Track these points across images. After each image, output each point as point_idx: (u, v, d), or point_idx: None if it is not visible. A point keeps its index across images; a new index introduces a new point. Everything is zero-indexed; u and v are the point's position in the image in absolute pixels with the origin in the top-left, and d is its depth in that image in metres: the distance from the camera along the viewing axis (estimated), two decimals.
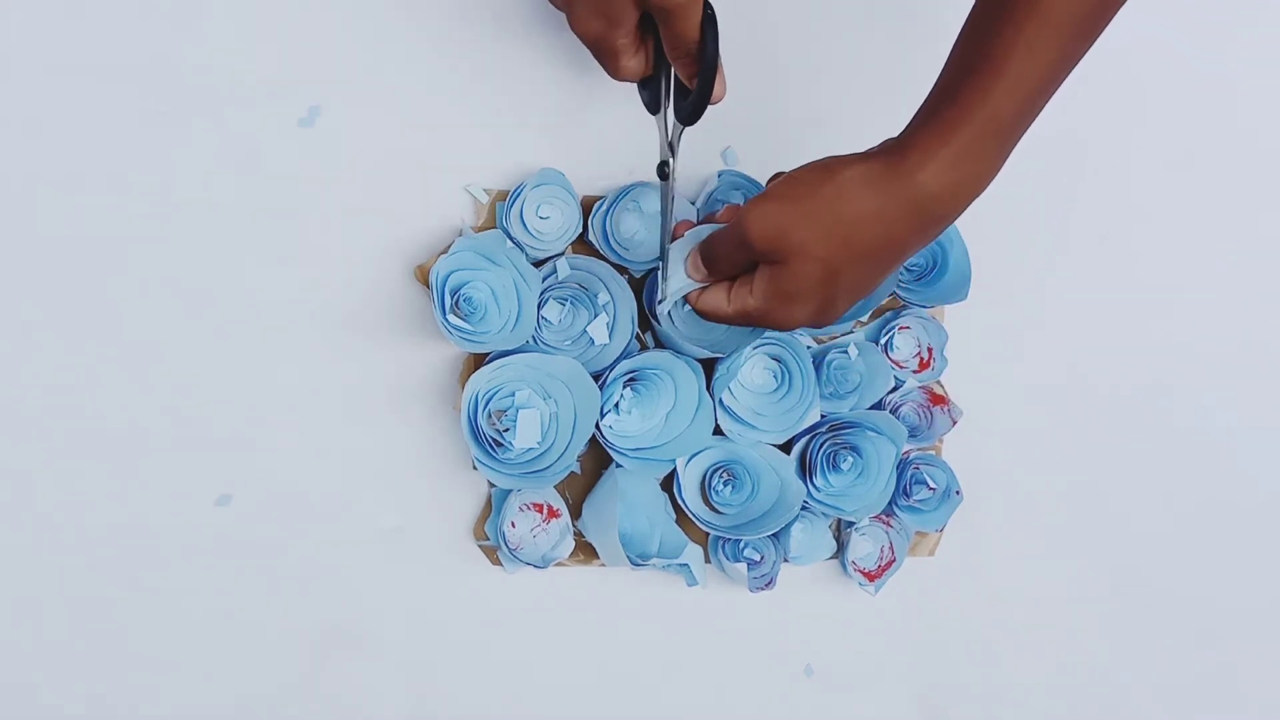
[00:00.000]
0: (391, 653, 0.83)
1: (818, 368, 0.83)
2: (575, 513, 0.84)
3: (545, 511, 0.82)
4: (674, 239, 0.73)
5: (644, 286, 0.82)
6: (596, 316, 0.80)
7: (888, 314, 0.86)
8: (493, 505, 0.82)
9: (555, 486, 0.82)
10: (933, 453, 0.87)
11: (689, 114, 0.69)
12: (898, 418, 0.85)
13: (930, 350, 0.86)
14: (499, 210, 0.80)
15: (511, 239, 0.80)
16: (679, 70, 0.68)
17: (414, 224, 0.81)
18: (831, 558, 0.87)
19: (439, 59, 0.81)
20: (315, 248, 0.80)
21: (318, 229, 0.80)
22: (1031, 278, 0.89)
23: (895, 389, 0.86)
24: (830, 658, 0.88)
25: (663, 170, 0.73)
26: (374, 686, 0.83)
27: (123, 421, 0.79)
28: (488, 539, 0.82)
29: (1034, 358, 0.90)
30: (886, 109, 0.87)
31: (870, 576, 0.86)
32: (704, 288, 0.72)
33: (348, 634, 0.82)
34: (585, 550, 0.84)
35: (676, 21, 0.64)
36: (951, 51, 0.67)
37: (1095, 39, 0.66)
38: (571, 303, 0.81)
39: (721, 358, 0.81)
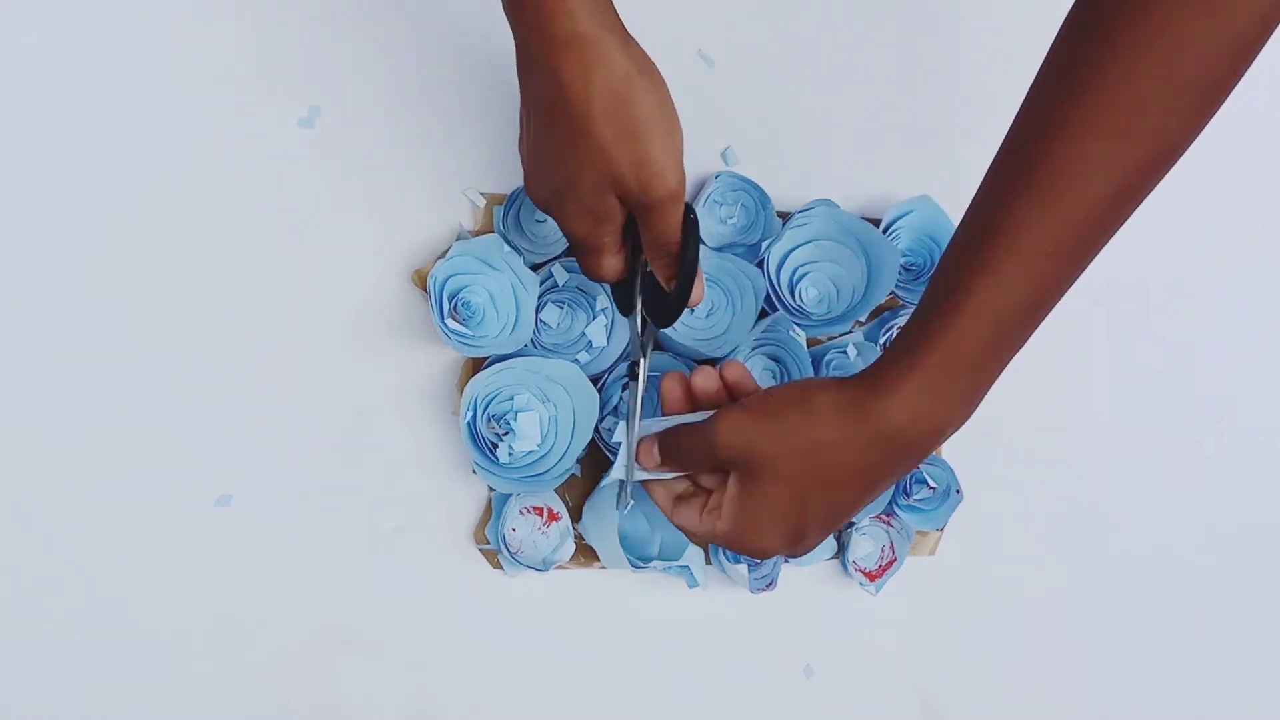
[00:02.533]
0: (391, 655, 0.83)
1: (816, 368, 0.83)
2: (575, 516, 0.84)
3: (545, 515, 0.82)
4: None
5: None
6: (594, 319, 0.80)
7: (886, 314, 0.86)
8: (493, 509, 0.82)
9: (555, 490, 0.82)
10: (933, 452, 0.87)
11: (665, 316, 0.70)
12: None
13: None
14: (496, 214, 0.80)
15: (509, 243, 0.79)
16: (658, 271, 0.68)
17: (412, 228, 0.81)
18: (832, 558, 0.87)
19: (438, 61, 0.81)
20: (314, 250, 0.80)
21: (317, 231, 0.80)
22: None
23: None
24: (830, 658, 0.88)
25: (633, 370, 0.73)
26: (374, 688, 0.83)
27: (122, 421, 0.79)
28: (488, 543, 0.83)
29: (1034, 358, 0.89)
30: (886, 108, 0.87)
31: (871, 576, 0.86)
32: (679, 499, 0.70)
33: (348, 636, 0.82)
34: (586, 553, 0.84)
35: (659, 220, 0.65)
36: (929, 280, 0.66)
37: (1085, 264, 0.64)
38: (569, 306, 0.81)
39: (720, 359, 0.81)
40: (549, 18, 0.61)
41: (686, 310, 0.81)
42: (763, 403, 0.65)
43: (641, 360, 0.72)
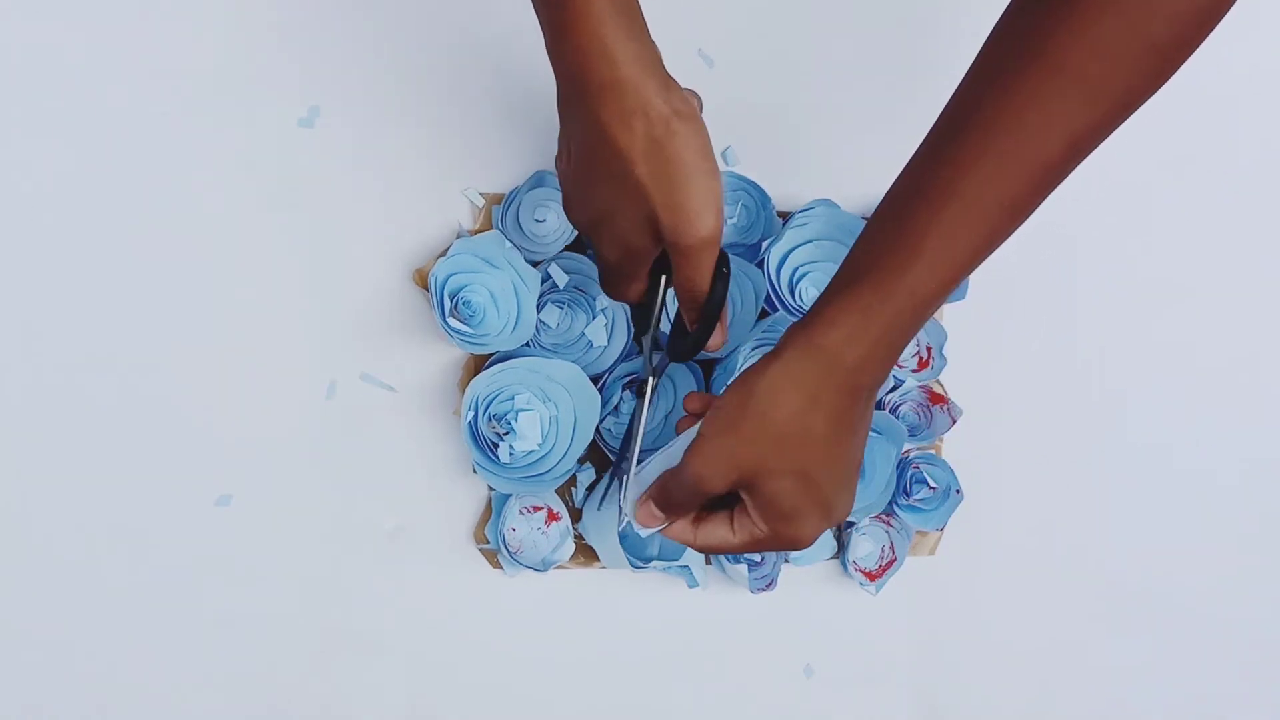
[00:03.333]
0: (391, 655, 0.83)
1: None
2: (575, 516, 0.84)
3: (545, 514, 0.82)
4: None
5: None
6: (595, 319, 0.80)
7: None
8: (493, 509, 0.82)
9: (555, 490, 0.82)
10: (933, 452, 0.87)
11: (682, 352, 0.70)
12: (897, 417, 0.85)
13: (930, 349, 0.86)
14: (495, 214, 0.80)
15: (509, 241, 0.80)
16: (684, 312, 0.69)
17: (412, 227, 0.81)
18: (832, 558, 0.87)
19: (437, 62, 0.81)
20: (314, 249, 0.80)
21: (317, 231, 0.80)
22: (1031, 277, 0.89)
23: (894, 388, 0.86)
24: (830, 658, 0.88)
25: (640, 389, 0.73)
26: (374, 688, 0.83)
27: (122, 422, 0.79)
28: (488, 543, 0.82)
29: (1034, 357, 0.90)
30: (886, 109, 0.87)
31: (871, 576, 0.86)
32: (697, 523, 0.69)
33: (348, 635, 0.82)
34: (586, 553, 0.84)
35: (690, 265, 0.65)
36: (867, 227, 0.65)
37: (1027, 216, 0.64)
38: (569, 305, 0.81)
39: (720, 359, 0.81)
40: (590, 61, 0.61)
41: None
42: (717, 420, 0.64)
43: (650, 380, 0.73)
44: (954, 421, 0.86)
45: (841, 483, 0.66)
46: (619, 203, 0.64)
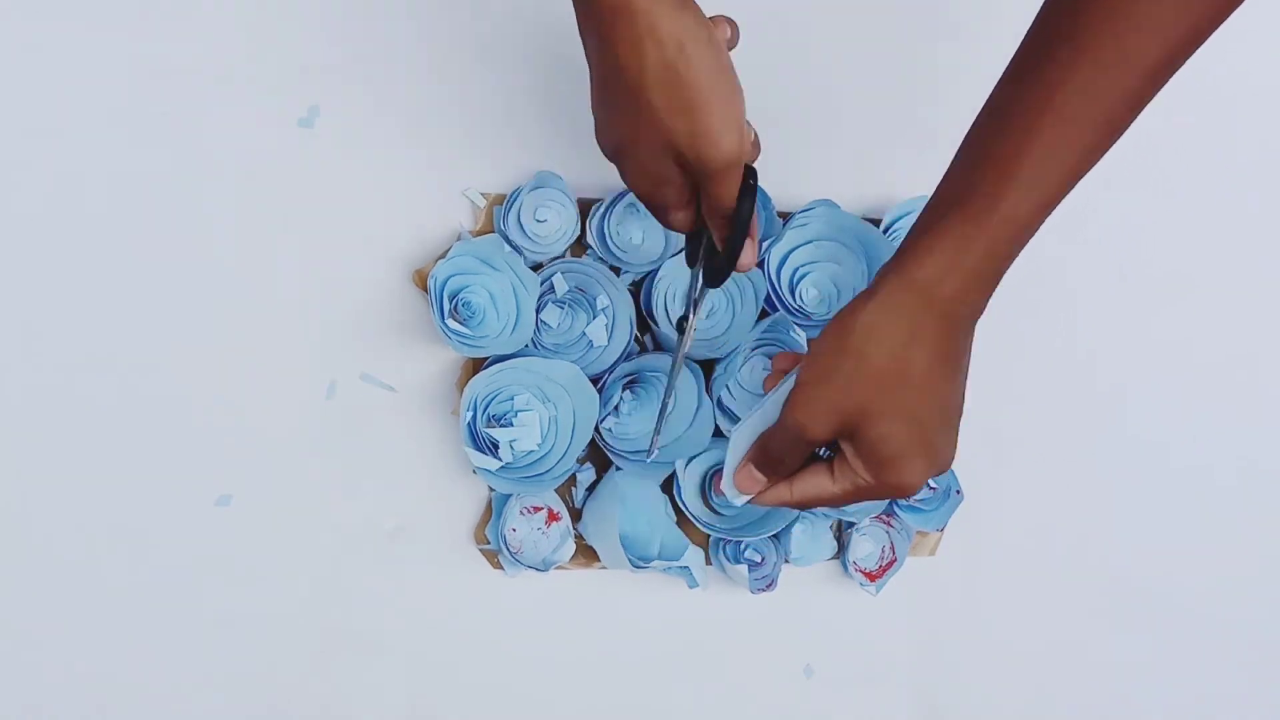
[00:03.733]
0: (391, 655, 0.83)
1: None
2: (575, 515, 0.84)
3: (546, 514, 0.82)
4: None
5: (642, 289, 0.82)
6: (595, 319, 0.80)
7: None
8: (493, 509, 0.82)
9: (555, 490, 0.82)
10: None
11: (714, 276, 0.68)
12: None
13: None
14: (496, 214, 0.80)
15: (509, 243, 0.79)
16: (713, 231, 0.67)
17: (412, 228, 0.81)
18: (832, 558, 0.87)
19: (438, 62, 0.81)
20: (314, 250, 0.80)
21: (317, 231, 0.80)
22: (1031, 277, 0.89)
23: None
24: (830, 658, 0.88)
25: (681, 324, 0.72)
26: (374, 688, 0.83)
27: (122, 422, 0.79)
28: (488, 543, 0.82)
29: (1034, 357, 0.90)
30: (886, 108, 0.87)
31: (871, 577, 0.86)
32: (796, 481, 0.67)
33: (348, 635, 0.82)
34: (586, 553, 0.84)
35: (714, 186, 0.64)
36: (955, 158, 0.65)
37: (1122, 132, 0.63)
38: (570, 306, 0.81)
39: (720, 359, 0.82)
40: None
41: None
42: (817, 365, 0.63)
43: (690, 314, 0.72)
44: None
45: (945, 424, 0.64)
46: (637, 134, 0.63)
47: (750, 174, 0.65)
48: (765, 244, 0.83)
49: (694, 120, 0.61)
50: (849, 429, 0.63)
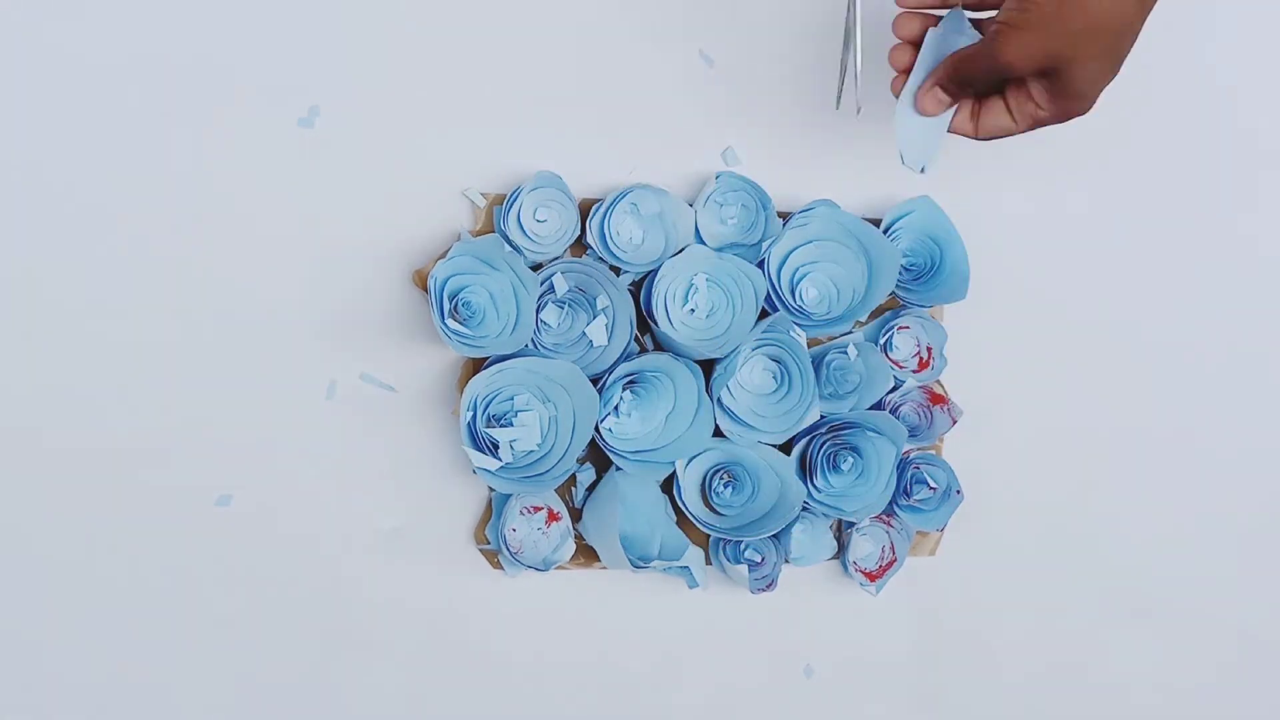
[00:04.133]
0: (391, 655, 0.83)
1: (817, 368, 0.83)
2: (575, 515, 0.84)
3: (546, 514, 0.82)
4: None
5: (642, 289, 0.82)
6: (595, 319, 0.80)
7: (887, 314, 0.86)
8: (493, 509, 0.82)
9: (555, 490, 0.82)
10: (933, 452, 0.87)
11: None
12: (897, 417, 0.85)
13: (930, 350, 0.86)
14: (496, 214, 0.80)
15: (509, 243, 0.79)
16: None
17: (412, 228, 0.81)
18: (832, 558, 0.87)
19: (438, 62, 0.81)
20: (314, 250, 0.80)
21: (317, 231, 0.80)
22: (1031, 277, 0.89)
23: (895, 389, 0.86)
24: (830, 658, 0.88)
25: None
26: (374, 688, 0.83)
27: (122, 422, 0.79)
28: (488, 543, 0.83)
29: (1034, 357, 0.90)
30: (886, 109, 0.87)
31: (871, 576, 0.86)
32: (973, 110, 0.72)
33: (348, 635, 0.83)
34: (586, 553, 0.84)
35: None
36: None
37: None
38: (570, 306, 0.81)
39: (720, 359, 0.82)
40: None
41: (688, 311, 0.81)
42: (1032, 12, 0.66)
43: None
44: (954, 421, 0.86)
45: (1120, 51, 0.69)
46: None
47: None
48: (766, 244, 0.83)
49: None
50: (1053, 68, 0.68)
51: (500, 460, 0.78)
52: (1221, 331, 0.92)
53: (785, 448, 0.84)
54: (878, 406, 0.85)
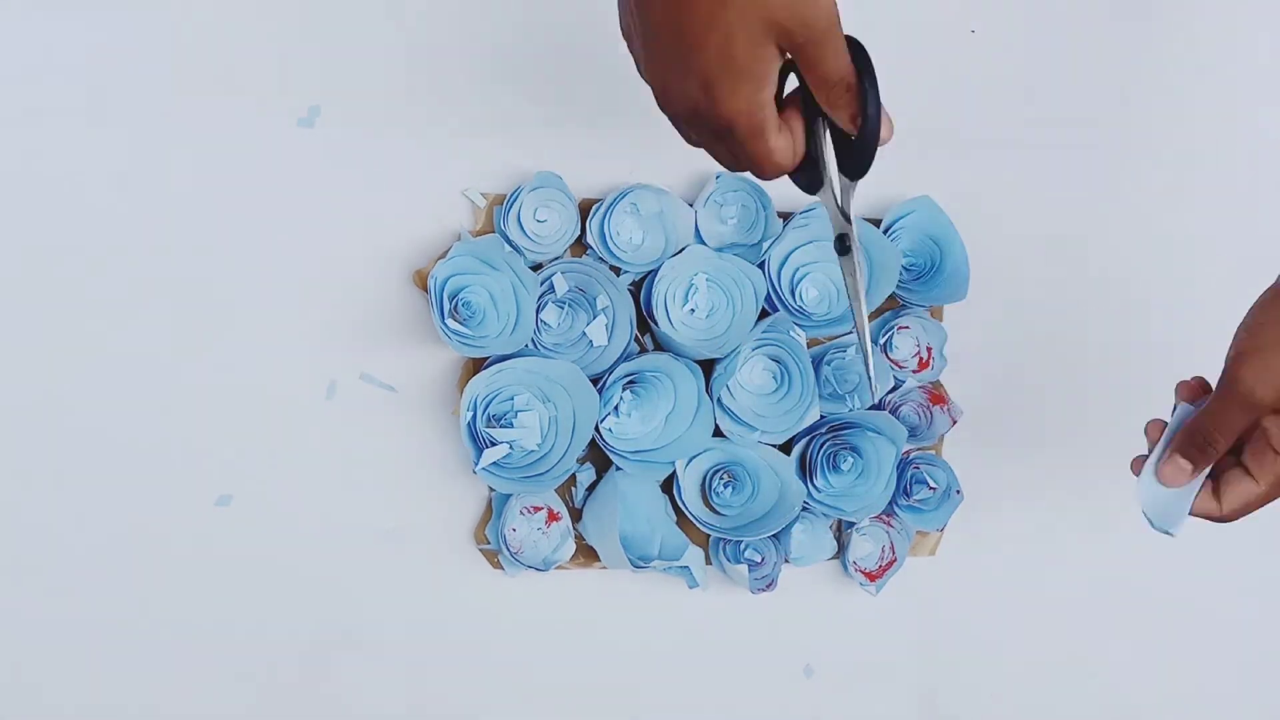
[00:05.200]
0: (391, 654, 0.83)
1: (817, 368, 0.83)
2: (575, 515, 0.84)
3: (546, 514, 0.82)
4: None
5: (642, 289, 0.82)
6: (595, 319, 0.80)
7: (887, 314, 0.86)
8: (493, 509, 0.82)
9: (555, 490, 0.82)
10: (933, 452, 0.87)
11: (857, 164, 0.63)
12: (897, 418, 0.85)
13: (930, 350, 0.86)
14: (496, 214, 0.80)
15: (509, 243, 0.80)
16: (839, 113, 0.62)
17: (412, 228, 0.81)
18: (832, 558, 0.87)
19: (438, 61, 0.81)
20: (314, 250, 0.80)
21: (317, 231, 0.80)
22: (1031, 277, 0.89)
23: (895, 389, 0.86)
24: (830, 658, 0.88)
25: (842, 244, 0.67)
26: (374, 688, 0.83)
27: (122, 422, 0.79)
28: (488, 543, 0.83)
29: (1034, 357, 0.90)
30: (887, 109, 0.87)
31: (871, 576, 0.86)
32: (1214, 491, 0.70)
33: (348, 635, 0.83)
34: (586, 553, 0.84)
35: (827, 54, 0.59)
36: None
37: None
38: (570, 306, 0.81)
39: (720, 359, 0.82)
40: None
41: (689, 311, 0.81)
42: (1264, 336, 0.65)
43: (849, 230, 0.66)
44: (954, 421, 0.86)
45: None
46: (732, 24, 0.57)
47: (852, 39, 0.60)
48: (766, 244, 0.83)
49: None
50: None
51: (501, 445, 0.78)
52: (1221, 332, 0.92)
53: (785, 448, 0.84)
54: (878, 406, 0.85)
